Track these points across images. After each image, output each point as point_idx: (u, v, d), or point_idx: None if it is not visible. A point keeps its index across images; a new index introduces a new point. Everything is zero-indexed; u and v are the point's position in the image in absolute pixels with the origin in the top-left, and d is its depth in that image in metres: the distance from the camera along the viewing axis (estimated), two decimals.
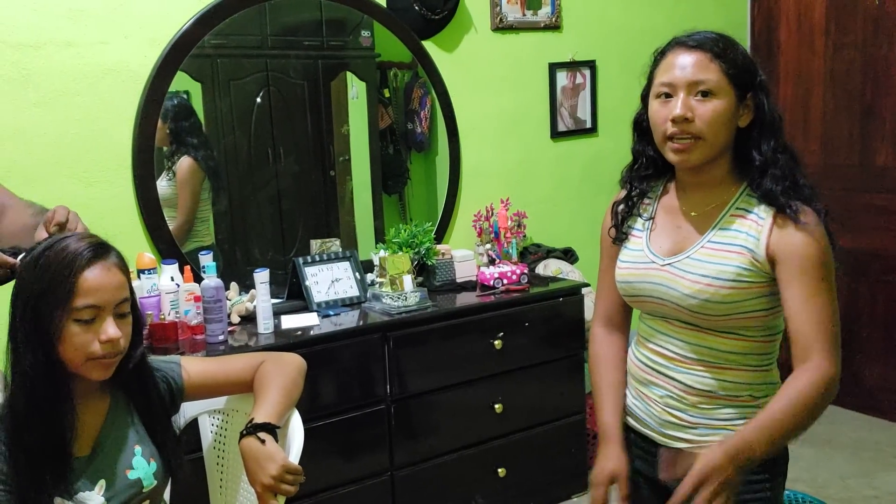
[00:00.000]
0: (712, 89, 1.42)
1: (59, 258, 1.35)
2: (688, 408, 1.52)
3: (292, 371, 1.66)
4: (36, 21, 2.44)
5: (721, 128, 1.43)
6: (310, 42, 3.01)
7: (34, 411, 1.35)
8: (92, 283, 1.35)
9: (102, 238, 1.43)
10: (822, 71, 3.84)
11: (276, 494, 1.46)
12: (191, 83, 2.76)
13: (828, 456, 3.37)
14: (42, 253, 1.37)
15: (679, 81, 1.44)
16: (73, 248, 1.36)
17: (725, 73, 1.42)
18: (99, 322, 1.37)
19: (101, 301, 1.36)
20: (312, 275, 2.78)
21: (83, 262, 1.35)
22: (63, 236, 1.41)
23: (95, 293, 1.35)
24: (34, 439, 1.35)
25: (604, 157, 3.61)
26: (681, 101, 1.43)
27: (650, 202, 1.61)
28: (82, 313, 1.35)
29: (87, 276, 1.35)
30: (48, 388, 1.36)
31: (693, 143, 1.44)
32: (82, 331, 1.35)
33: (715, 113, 1.42)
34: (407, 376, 2.63)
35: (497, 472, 2.85)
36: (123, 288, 1.41)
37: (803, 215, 1.42)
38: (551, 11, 3.45)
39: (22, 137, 2.44)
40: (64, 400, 1.39)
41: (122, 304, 1.40)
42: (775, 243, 1.42)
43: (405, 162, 3.30)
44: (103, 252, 1.39)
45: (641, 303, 1.58)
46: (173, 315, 2.44)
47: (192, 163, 2.78)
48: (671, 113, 1.43)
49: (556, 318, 2.95)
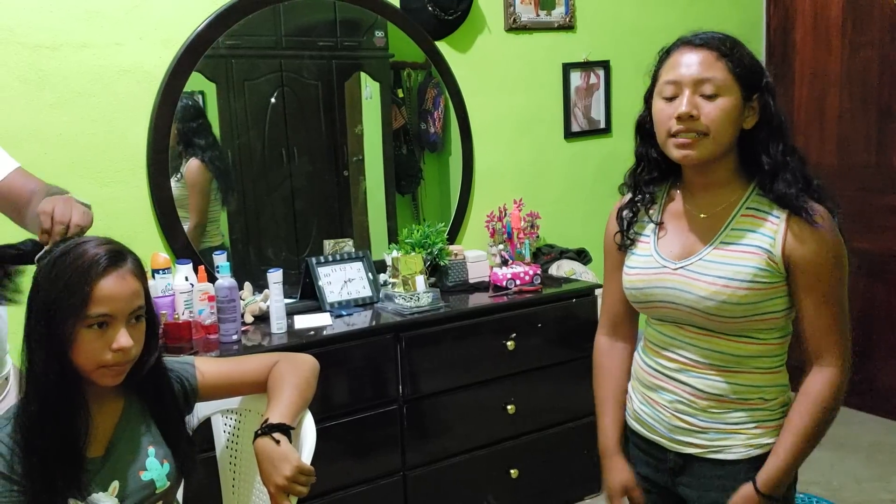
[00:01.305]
0: (718, 87, 1.40)
1: (75, 265, 1.35)
2: (698, 412, 1.52)
3: (306, 371, 1.66)
4: (52, 23, 2.46)
5: (727, 126, 1.42)
6: (324, 42, 3.01)
7: (48, 414, 1.35)
8: (106, 293, 1.35)
9: (120, 243, 1.43)
10: (839, 71, 3.81)
11: (288, 495, 1.46)
12: (205, 83, 2.78)
13: (843, 459, 3.35)
14: (59, 258, 1.37)
15: (685, 79, 1.42)
16: (90, 256, 1.36)
17: (732, 72, 1.41)
18: (112, 329, 1.37)
19: (115, 310, 1.36)
20: (325, 275, 2.79)
21: (99, 270, 1.35)
22: (82, 240, 1.40)
23: (109, 302, 1.35)
24: (48, 441, 1.35)
25: (618, 157, 3.60)
26: (686, 99, 1.41)
27: (656, 206, 1.59)
28: (95, 321, 1.35)
29: (102, 285, 1.34)
30: (62, 391, 1.36)
31: (697, 140, 1.42)
32: (95, 338, 1.35)
33: (721, 110, 1.40)
34: (419, 377, 2.63)
35: (509, 472, 2.85)
36: (138, 296, 1.40)
37: (818, 217, 1.41)
38: (565, 11, 3.44)
39: (38, 138, 2.46)
40: (77, 403, 1.40)
41: (136, 311, 1.40)
42: (791, 248, 1.41)
43: (418, 162, 3.30)
44: (119, 260, 1.38)
45: (653, 308, 1.57)
46: (187, 315, 2.45)
47: (199, 164, 2.79)
48: (676, 110, 1.41)
49: (569, 319, 2.94)
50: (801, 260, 1.41)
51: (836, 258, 1.42)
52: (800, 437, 1.45)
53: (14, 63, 2.42)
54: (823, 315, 1.43)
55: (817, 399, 1.44)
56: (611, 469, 1.64)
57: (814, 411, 1.44)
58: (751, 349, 1.48)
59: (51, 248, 1.41)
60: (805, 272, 1.41)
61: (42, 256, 1.41)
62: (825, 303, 1.42)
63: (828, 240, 1.41)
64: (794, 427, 1.46)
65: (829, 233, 1.42)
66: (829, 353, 1.44)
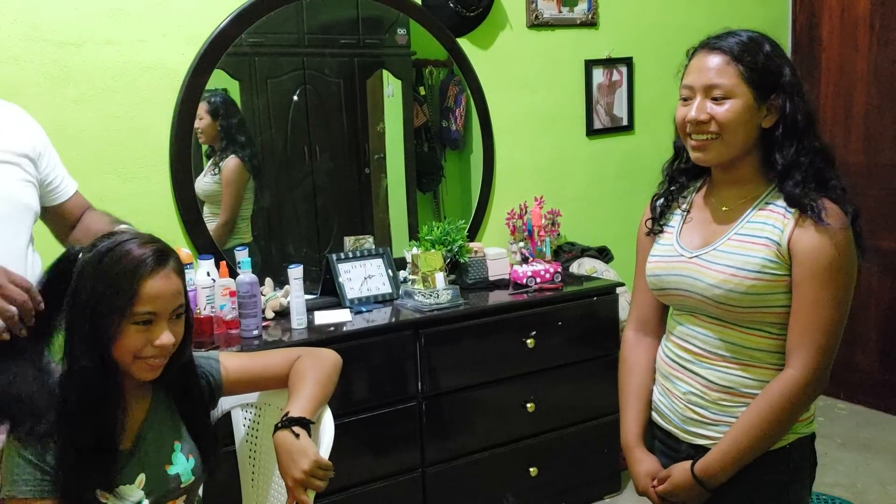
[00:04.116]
0: (728, 91, 1.44)
1: (121, 263, 1.37)
2: (709, 404, 1.53)
3: (328, 366, 1.67)
4: (77, 20, 2.49)
5: (738, 128, 1.45)
6: (346, 40, 3.02)
7: (88, 407, 1.37)
8: (153, 292, 1.37)
9: (162, 241, 1.45)
10: (866, 68, 3.75)
11: (306, 489, 1.47)
12: (229, 81, 2.79)
13: (868, 461, 3.30)
14: (104, 254, 1.38)
15: (696, 85, 1.48)
16: (137, 255, 1.38)
17: (742, 77, 1.44)
18: (156, 326, 1.39)
19: (160, 308, 1.39)
20: (346, 271, 2.79)
21: (146, 270, 1.37)
22: (124, 238, 1.42)
23: (155, 301, 1.38)
24: (86, 433, 1.37)
25: (640, 154, 3.58)
26: (696, 105, 1.47)
27: (687, 197, 1.64)
28: (141, 318, 1.37)
29: (149, 284, 1.37)
30: (102, 385, 1.38)
31: (709, 142, 1.47)
32: (138, 334, 1.38)
33: (730, 113, 1.44)
34: (438, 373, 2.63)
35: (529, 471, 2.84)
36: (180, 295, 1.43)
37: (828, 216, 1.41)
38: (588, 8, 3.42)
39: (62, 133, 2.49)
40: (116, 396, 1.42)
41: (177, 309, 1.43)
42: (795, 240, 1.43)
43: (439, 160, 3.30)
44: (164, 259, 1.41)
45: (669, 296, 1.60)
46: (209, 310, 2.47)
47: (238, 162, 2.82)
48: (688, 115, 1.48)
49: (589, 318, 2.93)
50: (801, 253, 1.42)
51: (837, 261, 1.41)
52: (744, 433, 1.46)
53: (39, 59, 2.45)
54: (805, 314, 1.42)
55: (770, 399, 1.45)
56: (634, 462, 1.65)
57: (764, 411, 1.45)
58: (763, 342, 1.49)
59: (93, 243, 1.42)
60: (801, 265, 1.42)
61: (82, 252, 1.42)
62: (812, 302, 1.41)
63: (832, 239, 1.41)
64: (742, 422, 1.47)
65: (837, 234, 1.41)
66: (800, 354, 1.43)
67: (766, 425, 1.45)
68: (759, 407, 1.45)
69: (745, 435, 1.46)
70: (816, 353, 1.43)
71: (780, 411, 1.44)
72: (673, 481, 1.55)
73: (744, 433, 1.46)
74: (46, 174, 1.85)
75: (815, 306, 1.41)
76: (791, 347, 1.45)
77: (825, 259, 1.40)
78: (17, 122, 1.83)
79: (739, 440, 1.47)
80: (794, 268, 1.43)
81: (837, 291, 1.42)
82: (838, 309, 1.43)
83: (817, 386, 1.45)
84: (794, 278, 1.43)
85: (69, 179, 1.94)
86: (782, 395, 1.44)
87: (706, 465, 1.50)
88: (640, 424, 1.67)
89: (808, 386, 1.43)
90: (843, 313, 1.44)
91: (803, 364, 1.43)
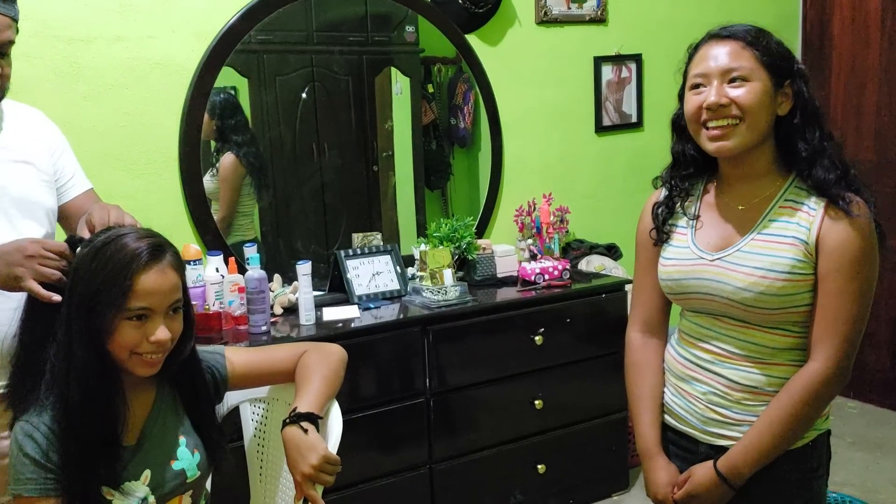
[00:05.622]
0: (747, 74, 1.41)
1: (116, 257, 1.36)
2: (732, 404, 1.50)
3: (335, 362, 1.66)
4: (87, 16, 2.50)
5: (760, 109, 1.41)
6: (354, 37, 3.02)
7: (89, 403, 1.36)
8: (147, 287, 1.36)
9: (160, 235, 1.44)
10: (877, 65, 3.73)
11: (314, 484, 1.47)
12: (238, 78, 2.80)
13: (879, 460, 3.29)
14: (100, 248, 1.38)
15: (713, 71, 1.43)
16: (132, 249, 1.37)
17: (759, 60, 1.41)
18: (151, 322, 1.38)
19: (155, 304, 1.38)
20: (354, 268, 2.80)
21: (140, 264, 1.36)
22: (122, 232, 1.41)
23: (150, 296, 1.37)
24: (88, 430, 1.37)
25: (649, 151, 3.56)
26: (714, 89, 1.42)
27: (693, 200, 1.59)
28: (135, 314, 1.37)
29: (143, 279, 1.36)
30: (101, 380, 1.38)
31: (731, 128, 1.42)
32: (133, 329, 1.37)
33: (751, 93, 1.40)
34: (446, 370, 2.63)
35: (537, 468, 2.83)
36: (177, 290, 1.42)
37: (855, 207, 1.40)
38: (596, 4, 3.41)
39: (72, 129, 2.47)
40: (116, 391, 1.41)
41: (174, 304, 1.42)
42: (823, 235, 1.40)
43: (448, 157, 3.29)
44: (160, 254, 1.39)
45: (689, 300, 1.56)
46: (217, 305, 2.47)
47: (233, 159, 2.82)
48: (706, 101, 1.43)
49: (598, 315, 2.92)
50: (828, 246, 1.39)
51: (864, 253, 1.39)
52: (768, 427, 1.44)
53: (49, 56, 2.46)
54: (831, 307, 1.40)
55: (793, 393, 1.43)
56: (653, 469, 1.61)
57: (789, 405, 1.43)
58: (787, 342, 1.47)
59: (91, 238, 1.42)
60: (829, 257, 1.39)
61: (81, 247, 1.42)
62: (838, 294, 1.39)
63: (861, 233, 1.39)
64: (765, 416, 1.45)
65: (865, 226, 1.40)
66: (824, 347, 1.41)
67: (790, 419, 1.43)
68: (783, 401, 1.43)
69: (768, 429, 1.43)
70: (841, 345, 1.41)
71: (803, 404, 1.42)
72: (694, 482, 1.51)
73: (767, 427, 1.44)
74: (55, 170, 1.86)
75: (840, 298, 1.39)
76: (815, 340, 1.42)
77: (853, 252, 1.38)
78: (36, 125, 1.86)
79: (763, 434, 1.44)
80: (821, 261, 1.40)
81: (863, 284, 1.40)
82: (863, 301, 1.41)
83: (841, 379, 1.43)
84: (820, 272, 1.40)
85: (81, 178, 1.94)
86: (805, 387, 1.42)
87: (730, 461, 1.47)
88: (657, 429, 1.63)
89: (832, 378, 1.41)
90: (868, 305, 1.43)
91: (828, 356, 1.41)
